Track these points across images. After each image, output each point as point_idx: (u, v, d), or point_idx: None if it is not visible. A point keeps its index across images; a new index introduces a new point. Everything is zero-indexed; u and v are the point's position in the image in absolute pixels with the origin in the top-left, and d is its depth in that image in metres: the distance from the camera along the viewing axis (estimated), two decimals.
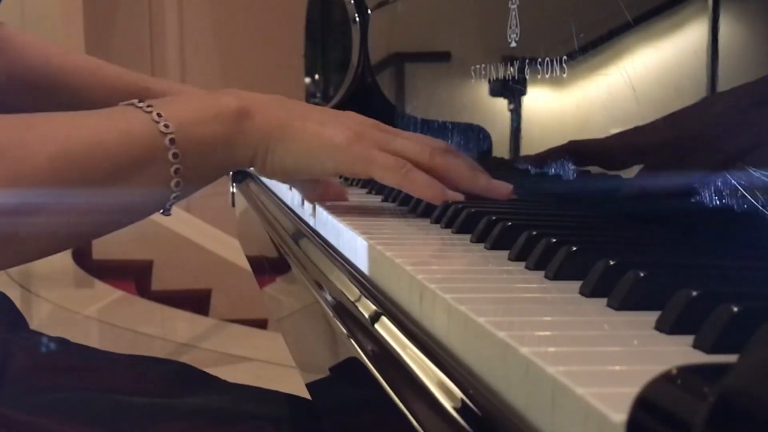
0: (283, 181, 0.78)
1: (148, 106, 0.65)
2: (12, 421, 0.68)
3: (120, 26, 4.15)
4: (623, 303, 0.41)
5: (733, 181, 0.51)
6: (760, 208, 0.49)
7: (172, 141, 0.64)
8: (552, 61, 0.72)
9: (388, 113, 1.15)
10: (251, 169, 0.72)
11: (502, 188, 0.72)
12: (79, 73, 0.90)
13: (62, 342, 0.84)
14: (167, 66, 4.05)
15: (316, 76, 1.45)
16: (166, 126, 0.64)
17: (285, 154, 0.70)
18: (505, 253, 0.54)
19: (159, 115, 0.64)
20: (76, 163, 0.61)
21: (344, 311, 0.55)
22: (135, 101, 0.66)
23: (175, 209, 0.68)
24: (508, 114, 0.82)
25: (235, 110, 0.68)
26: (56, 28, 3.99)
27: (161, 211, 0.68)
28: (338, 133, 0.70)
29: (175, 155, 0.64)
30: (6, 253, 0.61)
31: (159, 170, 0.64)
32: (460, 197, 0.69)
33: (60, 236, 0.64)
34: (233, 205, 1.47)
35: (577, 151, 0.69)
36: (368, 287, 0.55)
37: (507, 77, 0.81)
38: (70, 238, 0.67)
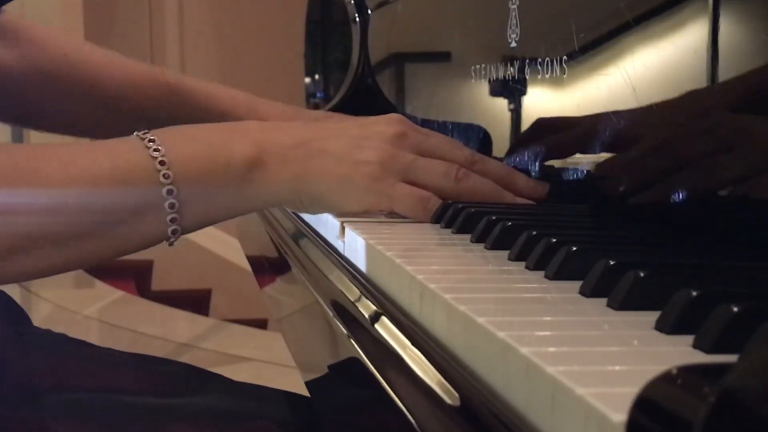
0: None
1: (154, 150, 0.62)
2: (14, 420, 0.68)
3: (120, 26, 4.15)
4: (623, 303, 0.41)
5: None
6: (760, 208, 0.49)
7: (170, 192, 0.62)
8: (552, 61, 0.72)
9: (388, 114, 1.14)
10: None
11: (535, 193, 0.71)
12: (98, 67, 0.89)
13: (65, 339, 0.84)
14: (167, 65, 4.04)
15: (316, 76, 1.45)
16: (165, 177, 0.62)
17: (313, 200, 0.68)
18: (505, 253, 0.54)
19: (162, 163, 0.62)
20: (71, 200, 0.60)
21: (344, 311, 0.55)
22: (141, 135, 0.63)
23: None
24: (508, 114, 0.82)
25: (246, 162, 0.65)
26: (56, 26, 3.98)
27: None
28: (358, 170, 0.67)
29: (171, 205, 0.62)
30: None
31: (154, 218, 0.63)
32: None
33: (44, 261, 0.63)
34: None
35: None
36: (368, 287, 0.55)
37: (507, 77, 0.81)
38: (62, 264, 0.64)
